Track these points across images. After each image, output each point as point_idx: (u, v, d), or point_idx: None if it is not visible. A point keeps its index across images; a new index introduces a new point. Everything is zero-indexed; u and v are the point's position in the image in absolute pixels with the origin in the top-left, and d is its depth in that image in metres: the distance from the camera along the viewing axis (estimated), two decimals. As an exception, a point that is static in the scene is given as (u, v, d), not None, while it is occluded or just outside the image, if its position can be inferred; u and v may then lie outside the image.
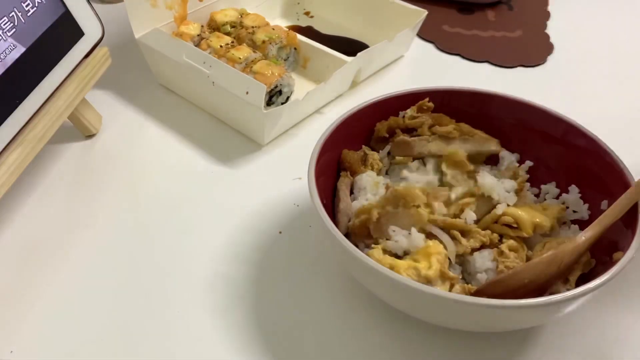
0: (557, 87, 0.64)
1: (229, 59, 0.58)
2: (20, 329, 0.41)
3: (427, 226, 0.41)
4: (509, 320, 0.37)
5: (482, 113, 0.48)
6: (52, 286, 0.44)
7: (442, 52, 0.70)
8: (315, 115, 0.60)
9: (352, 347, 0.40)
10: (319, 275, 0.45)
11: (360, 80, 0.64)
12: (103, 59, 0.54)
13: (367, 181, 0.45)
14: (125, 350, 0.40)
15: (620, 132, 0.50)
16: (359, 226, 0.42)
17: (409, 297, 0.36)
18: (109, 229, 0.48)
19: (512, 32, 0.74)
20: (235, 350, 0.40)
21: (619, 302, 0.43)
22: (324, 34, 0.71)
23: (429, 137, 0.47)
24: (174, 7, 0.62)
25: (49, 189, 0.52)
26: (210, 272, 0.45)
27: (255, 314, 0.42)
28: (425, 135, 0.47)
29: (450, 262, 0.40)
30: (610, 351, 0.40)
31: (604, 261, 0.39)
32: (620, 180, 0.41)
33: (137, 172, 0.54)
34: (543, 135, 0.46)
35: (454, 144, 0.47)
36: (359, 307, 0.42)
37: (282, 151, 0.56)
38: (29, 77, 0.46)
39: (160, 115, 0.60)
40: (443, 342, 0.40)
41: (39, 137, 0.47)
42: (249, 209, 0.50)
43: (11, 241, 0.47)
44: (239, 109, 0.54)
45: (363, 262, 0.36)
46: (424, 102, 0.48)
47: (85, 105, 0.55)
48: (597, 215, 0.40)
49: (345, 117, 0.46)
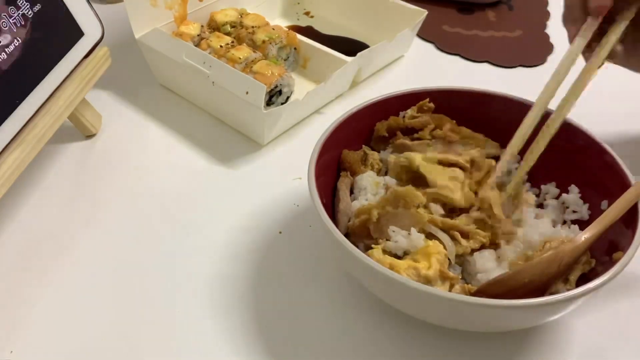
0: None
1: (229, 59, 0.58)
2: (20, 329, 0.41)
3: (426, 226, 0.41)
4: (509, 320, 0.37)
5: (482, 113, 0.48)
6: (52, 286, 0.44)
7: (442, 52, 0.70)
8: (315, 115, 0.60)
9: (352, 347, 0.40)
10: (319, 275, 0.45)
11: (360, 80, 0.64)
12: (103, 59, 0.54)
13: (368, 181, 0.45)
14: (125, 350, 0.40)
15: (620, 131, 0.50)
16: (359, 226, 0.42)
17: (408, 296, 0.36)
18: (109, 228, 0.48)
19: (512, 32, 0.74)
20: (235, 350, 0.40)
21: (619, 302, 0.43)
22: (324, 34, 0.71)
23: (429, 140, 0.47)
24: (174, 7, 0.62)
25: (49, 189, 0.52)
26: (210, 272, 0.45)
27: (255, 314, 0.42)
28: (426, 140, 0.47)
29: (450, 263, 0.40)
30: (610, 351, 0.40)
31: (604, 261, 0.39)
32: (620, 180, 0.41)
33: (137, 172, 0.54)
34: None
35: (454, 147, 0.47)
36: (358, 307, 0.42)
37: (282, 151, 0.56)
38: (29, 77, 0.46)
39: (161, 115, 0.60)
40: (443, 342, 0.40)
41: (39, 137, 0.47)
42: (249, 209, 0.50)
43: (11, 241, 0.47)
44: (239, 109, 0.54)
45: (363, 262, 0.36)
46: (425, 102, 0.48)
47: (85, 105, 0.55)
48: (597, 215, 0.40)
49: (345, 117, 0.46)
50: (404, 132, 0.48)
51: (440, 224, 0.41)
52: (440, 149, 0.47)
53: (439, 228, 0.41)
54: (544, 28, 0.74)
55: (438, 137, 0.47)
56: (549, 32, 0.73)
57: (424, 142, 0.47)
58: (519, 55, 0.69)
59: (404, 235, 0.40)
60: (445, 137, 0.47)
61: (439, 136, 0.47)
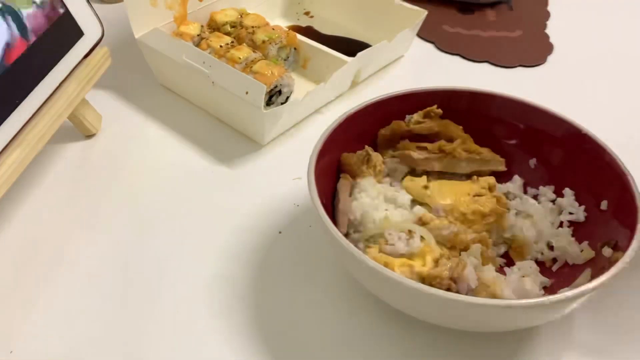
0: (557, 87, 0.64)
1: (229, 59, 0.58)
2: (20, 329, 0.41)
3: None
4: (509, 320, 0.37)
5: (481, 113, 0.48)
6: (52, 286, 0.44)
7: (442, 52, 0.70)
8: (315, 115, 0.60)
9: (352, 347, 0.40)
10: (319, 275, 0.45)
11: (360, 80, 0.64)
12: (103, 59, 0.54)
13: (368, 183, 0.45)
14: (125, 350, 0.40)
15: (620, 132, 0.50)
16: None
17: (401, 293, 0.36)
18: (109, 228, 0.48)
19: (512, 32, 0.74)
20: (235, 350, 0.40)
21: (619, 302, 0.43)
22: (324, 34, 0.71)
23: (436, 155, 0.47)
24: (174, 7, 0.62)
25: (49, 189, 0.52)
26: (210, 272, 0.45)
27: (255, 314, 0.42)
28: (433, 154, 0.47)
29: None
30: (610, 351, 0.40)
31: (604, 261, 0.39)
32: (620, 180, 0.41)
33: (137, 172, 0.54)
34: (543, 135, 0.46)
35: (460, 163, 0.47)
36: (358, 307, 0.42)
37: (282, 151, 0.56)
38: (29, 77, 0.46)
39: (160, 115, 0.60)
40: (443, 342, 0.40)
41: (39, 137, 0.47)
42: (249, 209, 0.50)
43: (11, 241, 0.47)
44: (239, 109, 0.54)
45: (358, 259, 0.36)
46: (432, 108, 0.48)
47: (85, 105, 0.55)
48: (598, 214, 0.40)
49: (345, 117, 0.45)
50: (410, 139, 0.48)
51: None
52: (446, 164, 0.47)
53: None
54: (544, 28, 0.74)
55: (446, 152, 0.47)
56: (549, 32, 0.73)
57: (430, 158, 0.47)
58: (519, 55, 0.69)
59: (402, 239, 0.40)
60: (453, 152, 0.47)
61: (447, 151, 0.47)
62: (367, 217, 0.43)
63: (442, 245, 0.42)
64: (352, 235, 0.44)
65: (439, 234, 0.42)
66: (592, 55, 0.69)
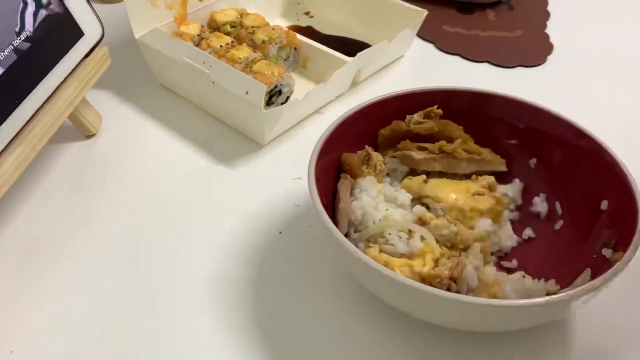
0: (557, 87, 0.64)
1: (229, 59, 0.58)
2: (20, 329, 0.41)
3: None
4: (509, 320, 0.37)
5: (481, 113, 0.48)
6: (52, 286, 0.44)
7: (442, 52, 0.70)
8: (315, 115, 0.60)
9: (352, 347, 0.40)
10: (319, 275, 0.45)
11: (360, 80, 0.64)
12: (103, 59, 0.54)
13: (369, 183, 0.45)
14: (125, 350, 0.40)
15: (620, 132, 0.50)
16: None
17: (400, 293, 0.36)
18: (109, 228, 0.48)
19: (512, 32, 0.74)
20: (235, 350, 0.40)
21: (619, 302, 0.43)
22: (324, 34, 0.71)
23: (437, 156, 0.47)
24: (174, 7, 0.62)
25: (49, 189, 0.52)
26: (210, 272, 0.45)
27: (255, 314, 0.42)
28: (433, 155, 0.47)
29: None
30: (611, 351, 0.40)
31: (604, 261, 0.39)
32: (620, 180, 0.41)
33: (137, 172, 0.54)
34: (543, 135, 0.46)
35: (461, 164, 0.47)
36: (359, 307, 0.42)
37: (282, 151, 0.56)
38: (29, 77, 0.46)
39: (160, 115, 0.60)
40: (443, 342, 0.40)
41: (39, 137, 0.47)
42: (249, 209, 0.50)
43: (11, 241, 0.47)
44: (239, 109, 0.54)
45: (362, 262, 0.36)
46: (433, 109, 0.48)
47: (85, 105, 0.55)
48: (597, 215, 0.40)
49: (345, 117, 0.45)
50: (411, 139, 0.48)
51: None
52: (447, 165, 0.47)
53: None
54: (544, 28, 0.74)
55: (447, 152, 0.47)
56: (549, 32, 0.73)
57: (431, 158, 0.47)
58: (519, 55, 0.69)
59: (402, 239, 0.40)
60: (454, 153, 0.47)
61: (448, 151, 0.47)
62: (367, 216, 0.43)
63: (442, 245, 0.42)
64: (352, 235, 0.44)
65: (439, 234, 0.42)
66: (592, 55, 0.69)
